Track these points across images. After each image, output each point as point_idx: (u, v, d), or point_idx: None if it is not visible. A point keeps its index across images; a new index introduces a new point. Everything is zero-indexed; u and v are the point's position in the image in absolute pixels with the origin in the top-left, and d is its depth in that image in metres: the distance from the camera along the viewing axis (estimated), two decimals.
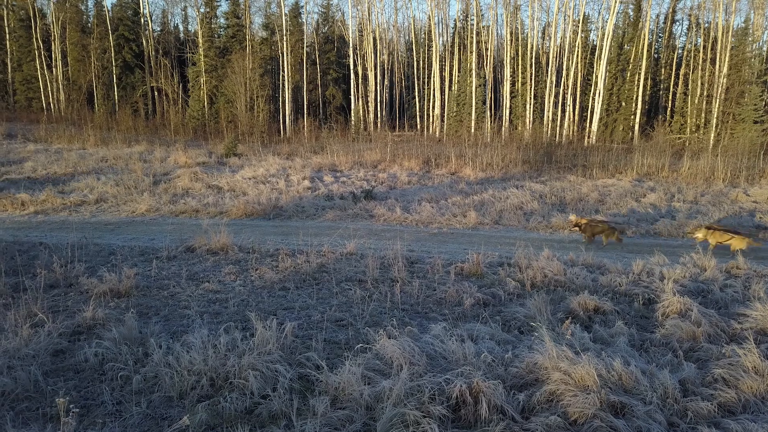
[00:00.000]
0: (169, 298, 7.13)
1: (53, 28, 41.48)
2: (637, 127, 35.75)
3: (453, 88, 40.84)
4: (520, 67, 40.26)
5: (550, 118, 36.54)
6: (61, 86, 41.31)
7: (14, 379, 4.70)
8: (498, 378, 4.76)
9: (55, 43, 41.33)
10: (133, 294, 7.21)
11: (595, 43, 40.88)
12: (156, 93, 41.82)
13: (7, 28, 41.68)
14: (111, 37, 40.60)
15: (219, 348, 5.09)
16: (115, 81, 41.07)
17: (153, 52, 42.68)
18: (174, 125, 34.33)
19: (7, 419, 4.20)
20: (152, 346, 5.23)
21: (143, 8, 43.09)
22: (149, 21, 43.51)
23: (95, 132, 29.13)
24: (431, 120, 42.07)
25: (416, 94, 44.08)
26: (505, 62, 39.53)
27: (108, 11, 42.40)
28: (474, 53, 39.21)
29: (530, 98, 38.03)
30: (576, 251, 9.59)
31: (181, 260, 9.07)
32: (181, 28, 50.69)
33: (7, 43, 41.83)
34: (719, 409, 4.54)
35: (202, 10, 41.01)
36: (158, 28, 46.80)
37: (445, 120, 39.95)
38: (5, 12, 41.94)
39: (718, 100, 33.41)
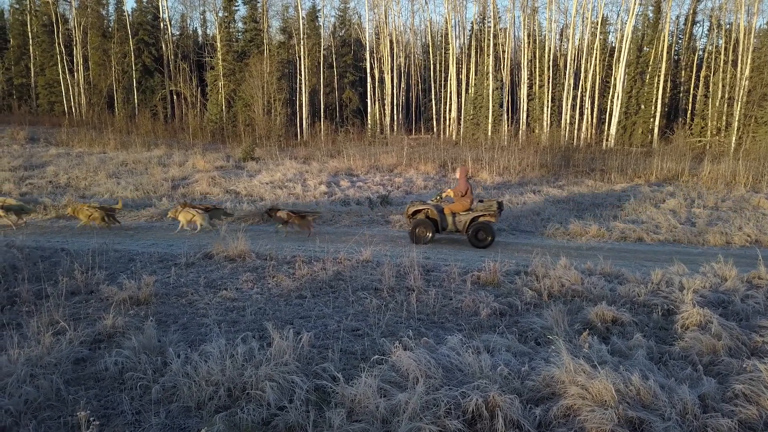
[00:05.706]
0: (187, 306, 7.21)
1: (75, 33, 42.23)
2: (656, 130, 35.33)
3: (470, 90, 40.68)
4: (537, 69, 40.01)
5: (568, 121, 36.23)
6: (82, 90, 42.04)
7: (37, 387, 4.77)
8: (514, 391, 4.74)
9: (76, 48, 42.06)
10: (152, 301, 7.28)
11: (613, 45, 40.51)
12: (175, 97, 42.31)
13: (30, 34, 42.55)
14: (131, 42, 41.23)
15: (236, 358, 5.13)
16: (134, 85, 41.67)
17: (172, 56, 43.24)
18: (192, 129, 34.69)
19: (29, 428, 4.28)
20: (171, 355, 5.28)
21: (162, 13, 43.68)
22: (168, 25, 44.08)
23: (115, 135, 29.53)
24: (448, 123, 41.96)
25: (433, 97, 44.02)
26: (522, 65, 39.32)
27: (128, 16, 43.08)
28: (491, 56, 39.06)
29: (548, 101, 37.74)
30: (593, 260, 9.50)
31: (199, 267, 9.17)
32: (199, 32, 51.27)
33: (31, 48, 42.74)
34: (740, 427, 4.46)
35: (220, 14, 41.45)
36: (177, 33, 47.41)
37: (462, 123, 39.81)
38: (29, 18, 42.84)
39: (739, 103, 32.87)
